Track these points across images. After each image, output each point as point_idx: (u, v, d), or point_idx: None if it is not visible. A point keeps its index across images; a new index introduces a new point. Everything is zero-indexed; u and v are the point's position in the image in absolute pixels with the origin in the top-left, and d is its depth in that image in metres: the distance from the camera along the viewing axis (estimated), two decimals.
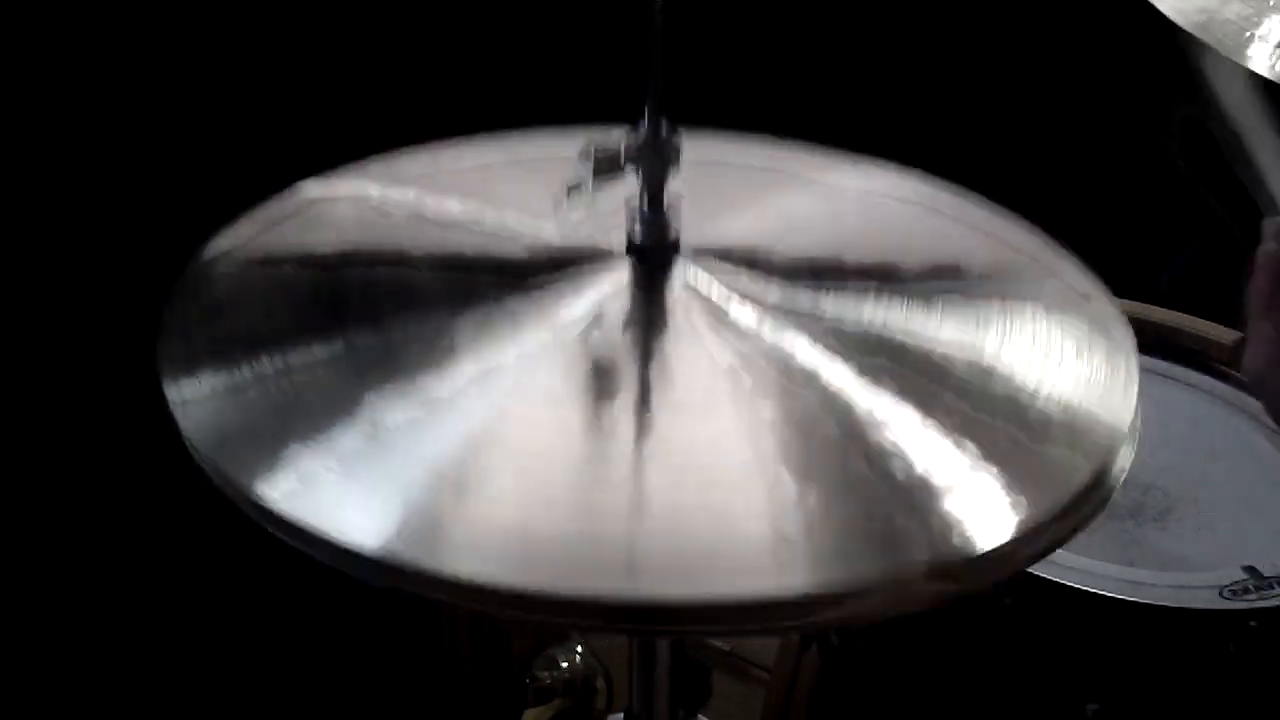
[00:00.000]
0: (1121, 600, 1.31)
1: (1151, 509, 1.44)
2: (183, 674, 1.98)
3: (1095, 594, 1.31)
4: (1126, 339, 1.09)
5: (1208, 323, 1.62)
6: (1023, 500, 0.95)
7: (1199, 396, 1.56)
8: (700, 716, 1.23)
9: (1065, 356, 1.07)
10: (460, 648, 1.73)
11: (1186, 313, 1.63)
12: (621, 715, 1.19)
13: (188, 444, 0.98)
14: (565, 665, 1.66)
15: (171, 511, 1.82)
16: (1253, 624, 1.31)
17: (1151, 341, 1.60)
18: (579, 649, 1.65)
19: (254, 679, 1.99)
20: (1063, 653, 1.35)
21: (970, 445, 0.98)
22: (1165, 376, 1.58)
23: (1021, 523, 0.94)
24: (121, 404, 1.74)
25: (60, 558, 2.03)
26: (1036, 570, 1.06)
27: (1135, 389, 1.05)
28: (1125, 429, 1.01)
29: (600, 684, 1.66)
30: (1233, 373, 1.58)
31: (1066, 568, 1.32)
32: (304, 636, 2.00)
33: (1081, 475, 0.98)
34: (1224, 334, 1.60)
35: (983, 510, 0.95)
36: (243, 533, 0.96)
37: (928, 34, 2.23)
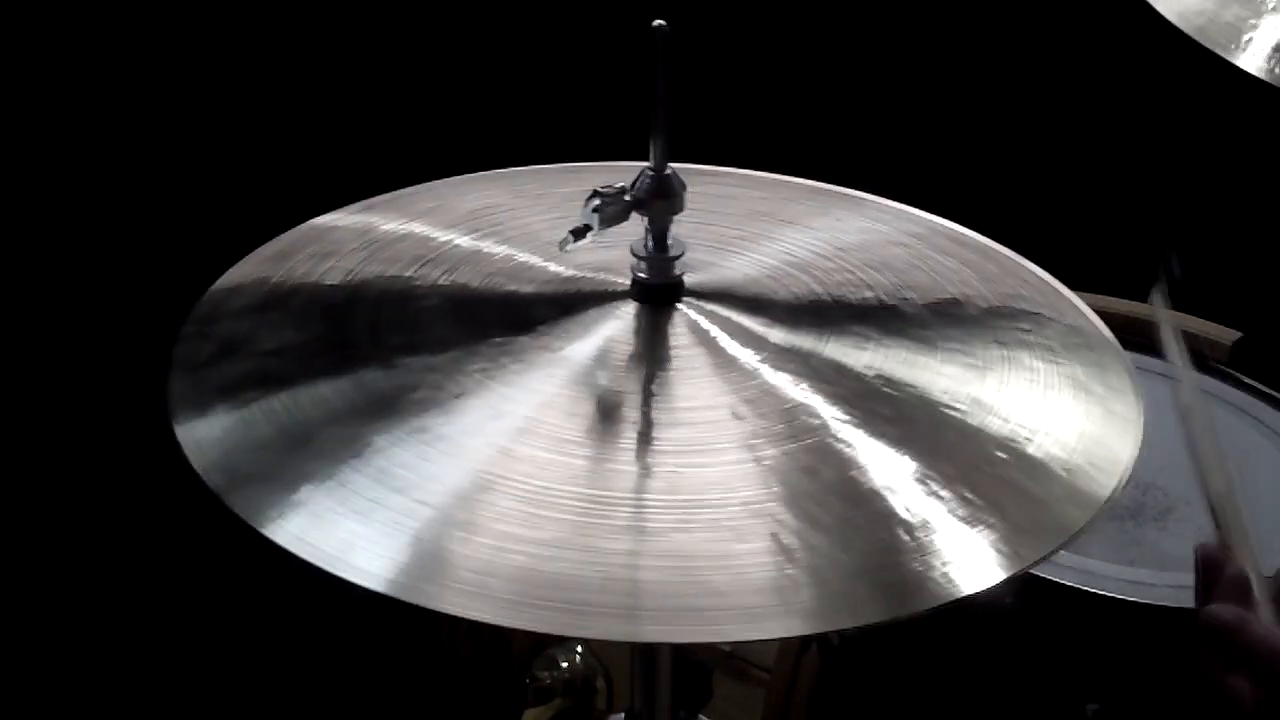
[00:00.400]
0: (1121, 600, 1.31)
1: (1151, 509, 1.43)
2: (183, 674, 1.98)
3: (1095, 594, 1.31)
4: (1126, 380, 1.10)
5: (1208, 322, 1.62)
6: (1020, 544, 0.96)
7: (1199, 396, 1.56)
8: (701, 717, 1.23)
9: (1063, 400, 1.07)
10: (460, 648, 1.73)
11: (1186, 313, 1.63)
12: (623, 715, 1.19)
13: (203, 480, 0.99)
14: (565, 665, 1.65)
15: (173, 513, 1.82)
16: None
17: (1152, 341, 1.60)
18: (579, 649, 1.65)
19: (254, 679, 1.99)
20: (1063, 653, 1.35)
21: (968, 490, 0.99)
22: (1165, 376, 1.58)
23: (1017, 566, 0.95)
24: (124, 412, 1.75)
25: (64, 560, 2.03)
26: (1037, 570, 1.06)
27: (1135, 432, 1.05)
28: (1121, 475, 1.02)
29: (600, 684, 1.66)
30: (1233, 373, 1.58)
31: (1067, 568, 1.32)
32: (304, 636, 2.00)
33: (1078, 519, 0.99)
34: (1224, 334, 1.60)
35: (981, 555, 0.96)
36: (242, 534, 0.96)
37: (927, 36, 2.23)
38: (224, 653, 2.00)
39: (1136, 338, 1.58)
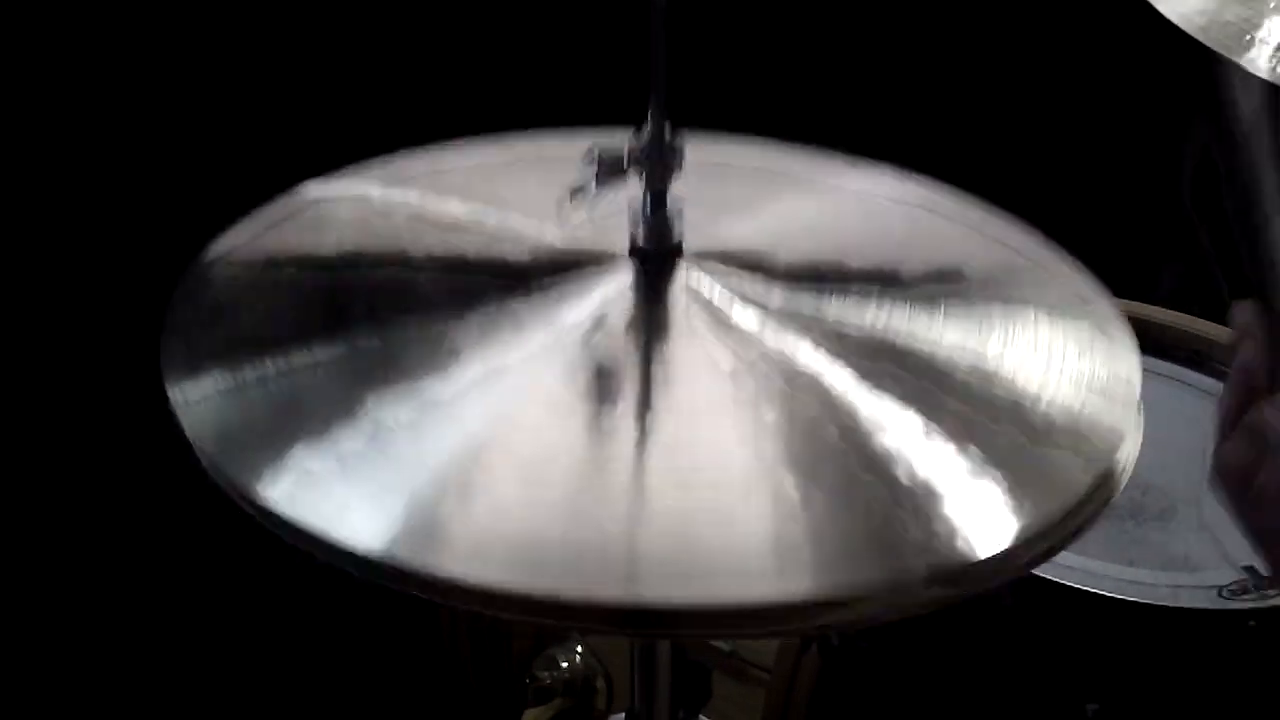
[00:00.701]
0: (1121, 600, 1.31)
1: (1151, 509, 1.44)
2: (183, 674, 1.98)
3: (1095, 594, 1.31)
4: (1127, 341, 1.10)
5: (1208, 323, 1.62)
6: (1025, 505, 0.96)
7: (1199, 396, 1.57)
8: (701, 717, 1.23)
9: (1067, 359, 1.07)
10: (460, 648, 1.73)
11: (1186, 313, 1.64)
12: (622, 715, 1.19)
13: (191, 444, 0.98)
14: (565, 665, 1.66)
15: (171, 509, 1.82)
16: (1252, 624, 1.31)
17: (1151, 341, 1.60)
18: (579, 649, 1.65)
19: (254, 679, 1.99)
20: (1063, 653, 1.35)
21: (973, 450, 0.98)
22: (1165, 376, 1.58)
23: (1023, 528, 0.94)
24: (122, 401, 1.74)
25: (59, 556, 2.03)
26: (1036, 570, 1.06)
27: (1137, 392, 1.05)
28: (1127, 432, 1.01)
29: (600, 684, 1.66)
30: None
31: (1066, 568, 1.32)
32: (304, 636, 2.00)
33: (1084, 480, 0.98)
34: (1224, 334, 1.60)
35: (985, 516, 0.95)
36: (242, 530, 0.96)
37: (930, 37, 2.23)
38: (224, 651, 2.00)
39: (1137, 338, 1.58)
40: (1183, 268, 2.07)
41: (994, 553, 0.93)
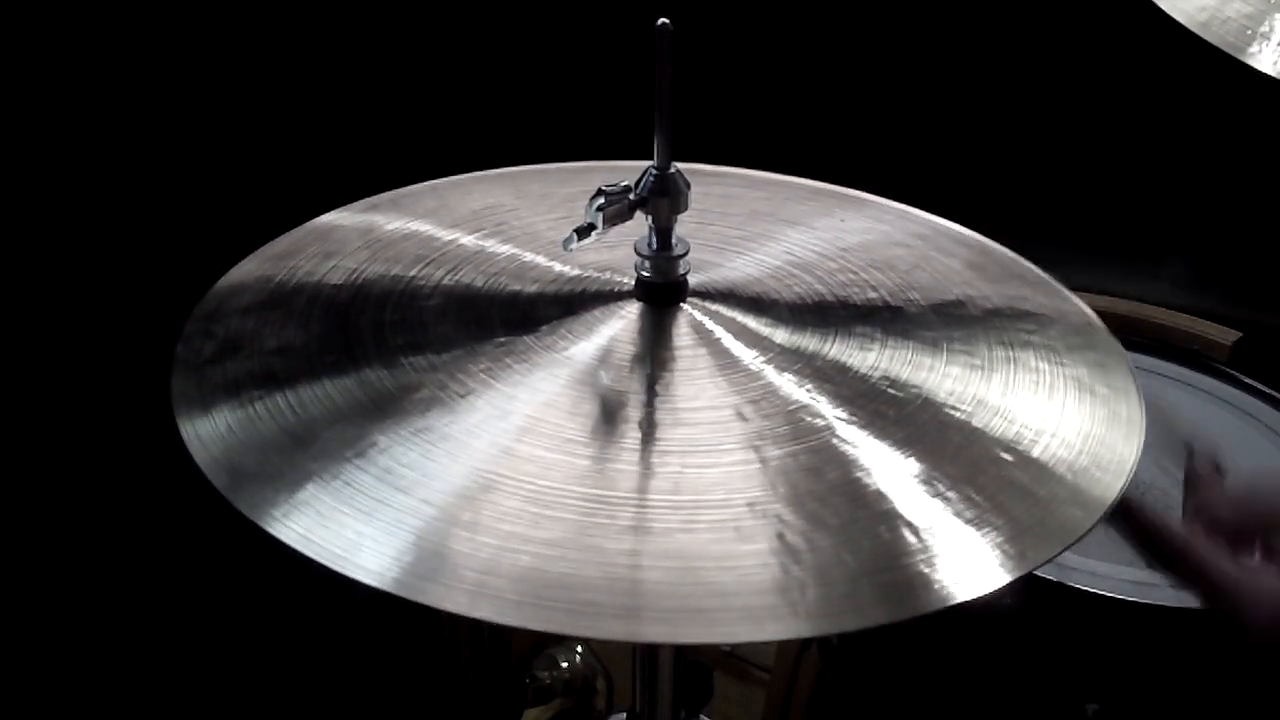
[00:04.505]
0: (1123, 600, 1.31)
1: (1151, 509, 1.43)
2: (183, 674, 1.98)
3: (1096, 594, 1.31)
4: (1129, 379, 1.10)
5: (1208, 323, 1.62)
6: (1024, 548, 0.96)
7: (1199, 396, 1.57)
8: (701, 717, 1.23)
9: (1068, 402, 1.07)
10: (460, 648, 1.73)
11: (1186, 313, 1.64)
12: (624, 715, 1.19)
13: (206, 478, 0.99)
14: (565, 665, 1.66)
15: (174, 512, 1.82)
16: None
17: (1151, 341, 1.60)
18: (579, 649, 1.66)
19: (255, 679, 1.99)
20: (1063, 653, 1.35)
21: (973, 492, 0.99)
22: (1165, 376, 1.58)
23: (1021, 569, 0.95)
24: (128, 411, 1.75)
25: (65, 560, 2.03)
26: (1037, 571, 1.06)
27: (1138, 433, 1.06)
28: (1125, 477, 1.02)
29: (600, 684, 1.66)
30: (1232, 373, 1.58)
31: (1067, 568, 1.32)
32: (305, 636, 2.00)
33: (1084, 522, 0.99)
34: (1224, 334, 1.61)
35: (986, 559, 0.95)
36: (243, 533, 0.96)
37: (927, 36, 2.23)
38: (224, 652, 2.00)
39: (1137, 338, 1.59)
40: (1183, 267, 2.07)
41: (991, 589, 0.94)
